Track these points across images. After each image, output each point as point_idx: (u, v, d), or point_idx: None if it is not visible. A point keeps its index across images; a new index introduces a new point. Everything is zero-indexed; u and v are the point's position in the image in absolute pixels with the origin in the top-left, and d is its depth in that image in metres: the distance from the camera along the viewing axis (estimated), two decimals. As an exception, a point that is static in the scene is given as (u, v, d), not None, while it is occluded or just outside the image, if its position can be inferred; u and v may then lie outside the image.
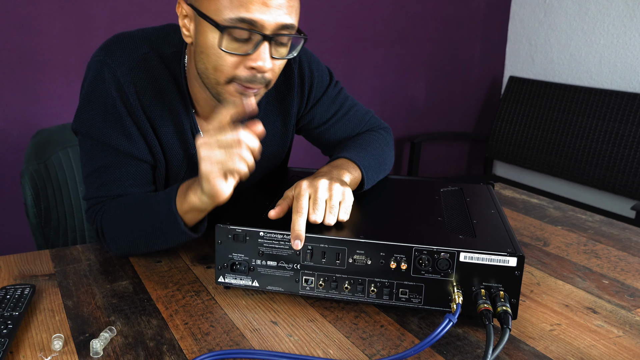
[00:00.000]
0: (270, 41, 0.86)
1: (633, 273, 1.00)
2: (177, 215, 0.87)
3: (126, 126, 0.96)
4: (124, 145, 0.97)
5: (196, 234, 0.92)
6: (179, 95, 0.99)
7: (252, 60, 0.86)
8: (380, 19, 3.11)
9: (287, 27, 0.87)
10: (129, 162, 0.98)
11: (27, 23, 2.24)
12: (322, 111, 1.15)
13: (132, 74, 0.95)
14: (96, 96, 0.96)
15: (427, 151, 3.46)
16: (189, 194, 0.86)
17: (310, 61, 1.12)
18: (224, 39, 0.85)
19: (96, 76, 0.96)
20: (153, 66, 0.97)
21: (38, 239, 1.30)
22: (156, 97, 0.98)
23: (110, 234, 0.96)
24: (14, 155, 2.30)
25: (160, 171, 1.02)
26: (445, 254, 0.78)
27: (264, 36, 0.85)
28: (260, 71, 0.87)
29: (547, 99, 3.18)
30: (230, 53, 0.86)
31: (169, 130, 1.00)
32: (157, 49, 0.98)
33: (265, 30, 0.85)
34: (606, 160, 2.87)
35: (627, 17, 2.90)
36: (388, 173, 1.15)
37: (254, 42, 0.86)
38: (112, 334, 0.75)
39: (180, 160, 1.03)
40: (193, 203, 0.86)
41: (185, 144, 1.02)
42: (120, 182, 0.98)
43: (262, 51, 0.86)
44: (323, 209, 0.84)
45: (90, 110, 0.97)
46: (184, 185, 0.89)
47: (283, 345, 0.75)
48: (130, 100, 0.95)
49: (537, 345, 0.76)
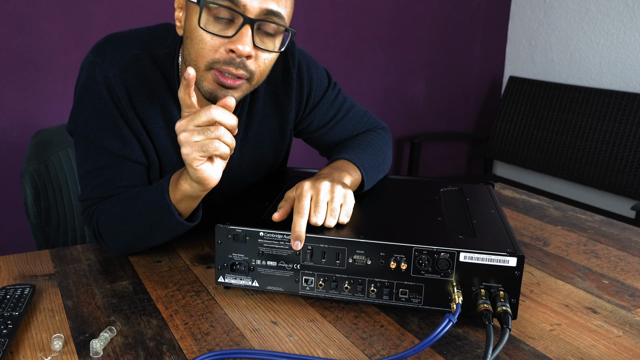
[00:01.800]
0: (253, 25, 0.84)
1: (633, 273, 1.00)
2: (171, 205, 0.87)
3: (119, 127, 0.96)
4: (118, 146, 0.96)
5: (192, 223, 0.92)
6: (172, 96, 0.99)
7: (232, 42, 0.84)
8: (380, 19, 3.11)
9: (274, 14, 0.85)
10: (123, 163, 0.98)
11: (27, 23, 2.24)
12: (321, 114, 1.15)
13: (123, 75, 0.95)
14: (89, 98, 0.96)
15: (427, 151, 3.46)
16: (180, 183, 0.86)
17: (308, 65, 1.12)
18: (204, 16, 0.84)
19: (88, 77, 0.96)
20: (145, 67, 0.96)
21: (38, 239, 1.30)
22: (148, 98, 0.97)
23: (107, 233, 0.96)
24: (14, 155, 2.30)
25: (154, 172, 1.02)
26: (445, 254, 0.78)
27: (245, 18, 0.83)
28: (239, 55, 0.84)
29: (547, 99, 3.18)
30: (209, 33, 0.84)
31: (161, 132, 1.00)
32: (149, 50, 0.97)
33: (248, 12, 0.83)
34: (606, 160, 2.87)
35: (627, 17, 2.90)
36: (387, 172, 1.15)
37: (236, 25, 0.85)
38: (112, 334, 0.75)
39: (174, 161, 1.03)
40: (185, 191, 0.85)
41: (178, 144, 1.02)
42: (114, 183, 0.98)
43: (243, 33, 0.83)
44: (324, 211, 0.84)
45: (83, 112, 0.97)
46: (175, 174, 0.89)
47: (283, 345, 0.75)
48: (122, 102, 0.95)
49: (537, 345, 0.76)
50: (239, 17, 0.84)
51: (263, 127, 1.09)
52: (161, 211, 0.89)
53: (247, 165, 1.09)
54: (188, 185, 0.85)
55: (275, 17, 0.86)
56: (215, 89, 0.88)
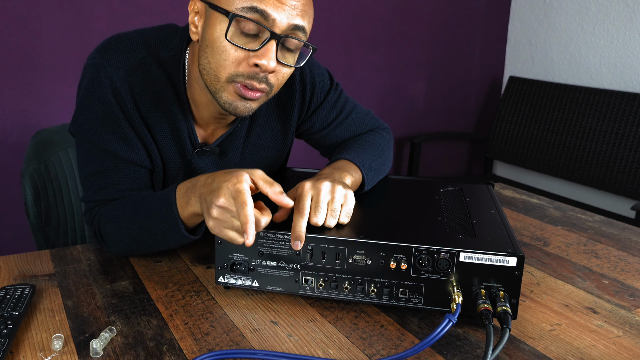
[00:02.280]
0: (279, 41, 0.85)
1: (633, 273, 1.00)
2: (179, 219, 0.87)
3: (124, 131, 0.95)
4: (122, 150, 0.96)
5: (196, 236, 0.92)
6: (177, 101, 0.98)
7: (257, 57, 0.84)
8: (380, 19, 3.11)
9: (299, 29, 0.86)
10: (127, 166, 0.97)
11: (27, 23, 2.24)
12: (323, 116, 1.15)
13: (129, 79, 0.94)
14: (93, 100, 0.95)
15: (427, 151, 3.46)
16: (191, 202, 0.85)
17: (311, 66, 1.11)
18: (232, 29, 0.84)
19: (93, 79, 0.95)
20: (151, 71, 0.96)
21: (38, 239, 1.30)
22: (154, 102, 0.97)
23: (109, 236, 0.96)
24: (14, 155, 2.30)
25: (157, 175, 1.02)
26: (445, 254, 0.78)
27: (272, 34, 0.84)
28: (263, 70, 0.85)
29: (547, 99, 3.18)
30: (235, 45, 0.85)
31: (166, 136, 0.99)
32: (155, 53, 0.97)
33: (275, 28, 0.84)
34: (606, 160, 2.87)
35: (627, 17, 2.90)
36: (388, 172, 1.15)
37: (262, 39, 0.85)
38: (112, 334, 0.75)
39: (178, 166, 1.02)
40: (195, 211, 0.85)
41: (183, 149, 1.01)
42: (118, 186, 0.97)
43: (269, 49, 0.84)
44: (325, 212, 0.84)
45: (87, 114, 0.96)
46: (181, 187, 0.88)
47: (283, 345, 0.75)
48: (127, 105, 0.94)
49: (537, 345, 0.76)
50: (266, 31, 0.84)
51: (265, 130, 1.09)
52: (168, 224, 0.89)
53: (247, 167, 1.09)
54: (199, 208, 0.84)
55: (299, 33, 0.87)
56: (235, 100, 0.89)
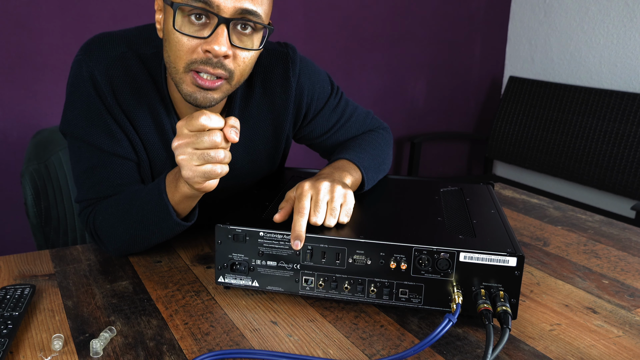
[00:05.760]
0: (228, 25, 0.84)
1: (633, 273, 1.00)
2: (169, 206, 0.88)
3: (107, 124, 0.96)
4: (107, 143, 0.97)
5: (189, 222, 0.92)
6: (159, 96, 0.99)
7: (207, 43, 0.83)
8: (380, 19, 3.11)
9: (250, 12, 0.84)
10: (114, 160, 0.98)
11: (27, 23, 2.24)
12: (323, 121, 1.15)
13: (109, 73, 0.95)
14: (77, 95, 0.97)
15: (427, 151, 3.46)
16: (179, 185, 0.86)
17: (310, 73, 1.10)
18: (178, 18, 0.84)
19: (76, 75, 0.97)
20: (131, 65, 0.97)
21: (38, 239, 1.30)
22: (134, 96, 0.97)
23: (105, 234, 0.96)
24: (14, 155, 2.30)
25: (144, 169, 1.02)
26: (445, 254, 0.78)
27: (220, 18, 0.83)
28: (215, 55, 0.84)
29: (547, 99, 3.18)
30: (184, 34, 0.84)
31: (149, 130, 1.00)
32: (136, 49, 0.98)
33: (222, 12, 0.83)
34: (606, 160, 2.87)
35: (627, 17, 2.90)
36: (388, 172, 1.15)
37: (212, 25, 0.84)
38: (112, 334, 0.75)
39: (163, 160, 1.03)
40: (185, 193, 0.86)
41: (167, 143, 1.02)
42: (108, 182, 0.98)
43: (218, 33, 0.83)
44: (324, 211, 0.84)
45: (73, 110, 0.97)
46: (170, 174, 0.89)
47: (283, 345, 0.75)
48: (108, 99, 0.95)
49: (537, 345, 0.76)
50: (214, 17, 0.83)
51: (256, 132, 1.09)
52: (159, 212, 0.89)
53: (239, 166, 1.09)
54: (187, 189, 0.85)
55: (251, 16, 0.85)
56: (194, 91, 0.87)
